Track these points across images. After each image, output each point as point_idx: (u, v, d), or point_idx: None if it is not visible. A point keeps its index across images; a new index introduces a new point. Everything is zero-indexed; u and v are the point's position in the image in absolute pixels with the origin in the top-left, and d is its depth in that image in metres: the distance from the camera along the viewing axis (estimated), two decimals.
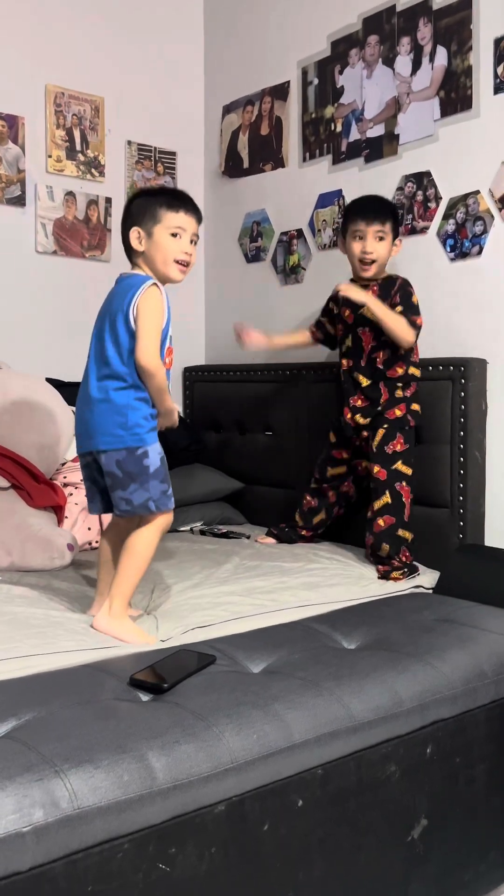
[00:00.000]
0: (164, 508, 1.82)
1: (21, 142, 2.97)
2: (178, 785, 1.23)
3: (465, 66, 2.45)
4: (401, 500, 2.35)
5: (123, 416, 1.78)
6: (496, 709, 1.72)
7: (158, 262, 1.85)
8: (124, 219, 1.89)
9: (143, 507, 1.80)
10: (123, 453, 1.78)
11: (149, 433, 1.80)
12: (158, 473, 1.80)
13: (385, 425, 2.38)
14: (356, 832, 1.47)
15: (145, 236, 1.84)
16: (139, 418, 1.79)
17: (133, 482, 1.79)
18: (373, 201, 2.45)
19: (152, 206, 1.85)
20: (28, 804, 1.10)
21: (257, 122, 3.20)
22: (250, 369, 3.11)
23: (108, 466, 1.81)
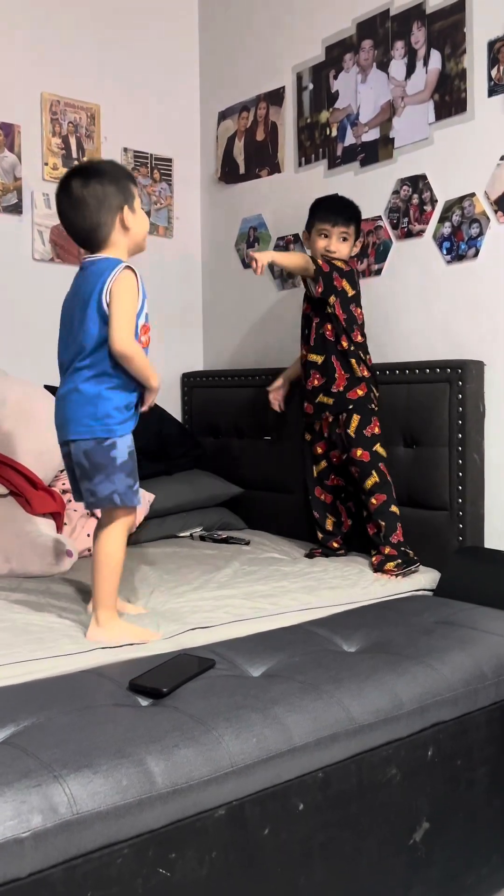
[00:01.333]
0: (128, 503, 1.79)
1: (17, 150, 2.98)
2: (177, 789, 1.22)
3: (459, 69, 2.45)
4: (387, 478, 2.42)
5: (94, 405, 1.76)
6: (497, 711, 1.72)
7: (140, 237, 1.85)
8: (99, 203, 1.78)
9: (108, 500, 1.78)
10: (91, 443, 1.77)
11: (120, 424, 1.78)
12: (125, 467, 1.78)
13: (351, 407, 2.44)
14: (357, 836, 1.46)
15: (130, 213, 1.81)
16: (110, 409, 1.77)
17: (99, 473, 1.77)
18: (340, 203, 2.55)
19: (124, 182, 1.82)
20: (27, 810, 1.09)
21: (253, 127, 3.21)
22: (248, 374, 3.11)
23: (76, 457, 1.80)
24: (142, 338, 1.81)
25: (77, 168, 1.85)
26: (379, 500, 2.40)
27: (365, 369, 2.48)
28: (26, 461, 2.46)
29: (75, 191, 1.79)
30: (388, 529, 2.37)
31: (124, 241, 1.83)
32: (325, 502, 2.59)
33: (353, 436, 2.43)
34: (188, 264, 3.46)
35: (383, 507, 2.39)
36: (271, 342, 3.16)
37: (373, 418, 2.44)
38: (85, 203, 1.79)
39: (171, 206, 3.40)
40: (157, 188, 3.36)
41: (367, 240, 2.74)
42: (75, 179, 1.80)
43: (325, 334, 2.48)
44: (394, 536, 2.37)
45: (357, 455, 2.42)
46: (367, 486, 2.41)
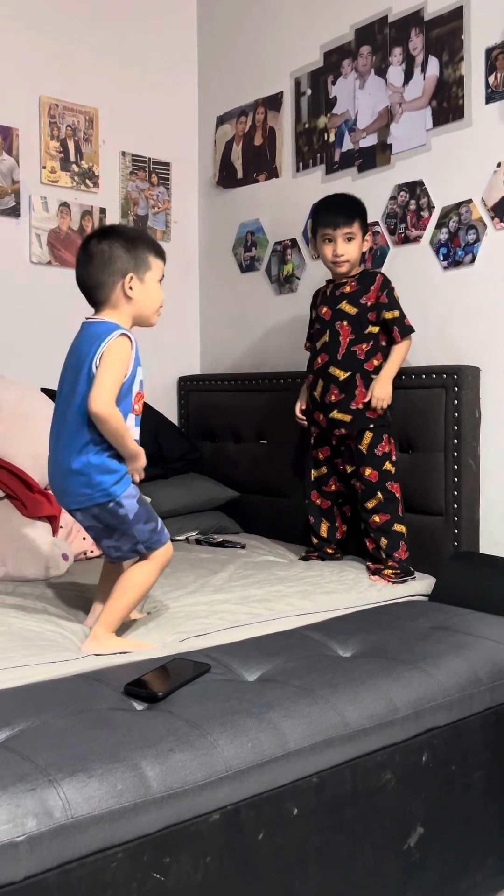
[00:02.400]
0: (156, 546, 1.79)
1: (15, 153, 2.98)
2: (172, 794, 1.22)
3: (456, 76, 2.46)
4: (393, 496, 2.38)
5: (85, 475, 1.72)
6: (492, 716, 1.72)
7: (147, 310, 1.81)
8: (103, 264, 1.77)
9: (133, 552, 1.79)
10: (96, 510, 1.75)
11: (116, 485, 1.74)
12: (140, 517, 1.76)
13: (371, 426, 2.39)
14: (352, 840, 1.46)
15: (137, 283, 1.78)
16: (101, 475, 1.73)
17: (116, 532, 1.77)
18: (339, 204, 2.46)
19: (142, 252, 1.79)
20: (21, 814, 1.09)
21: (251, 132, 3.21)
22: (245, 378, 3.11)
23: (86, 522, 1.79)
24: (135, 405, 1.79)
25: (101, 228, 1.86)
26: (382, 518, 2.37)
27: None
28: (22, 464, 2.46)
29: (90, 246, 1.79)
30: (391, 548, 2.35)
31: (127, 309, 1.80)
32: (321, 507, 2.57)
33: (364, 452, 2.39)
34: (185, 268, 3.47)
35: (386, 526, 2.37)
36: (268, 346, 3.17)
37: (384, 436, 2.40)
38: (92, 260, 1.78)
39: (168, 209, 3.41)
40: (155, 192, 3.36)
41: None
42: (94, 237, 1.80)
43: (356, 353, 2.41)
44: (397, 554, 2.35)
45: (366, 474, 2.39)
46: (370, 505, 2.38)
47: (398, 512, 2.38)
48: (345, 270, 2.45)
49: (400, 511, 2.38)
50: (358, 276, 2.47)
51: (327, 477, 2.54)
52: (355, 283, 2.45)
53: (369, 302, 2.41)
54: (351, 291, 2.44)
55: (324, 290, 2.55)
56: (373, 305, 2.41)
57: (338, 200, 2.48)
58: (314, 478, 2.57)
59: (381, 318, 2.41)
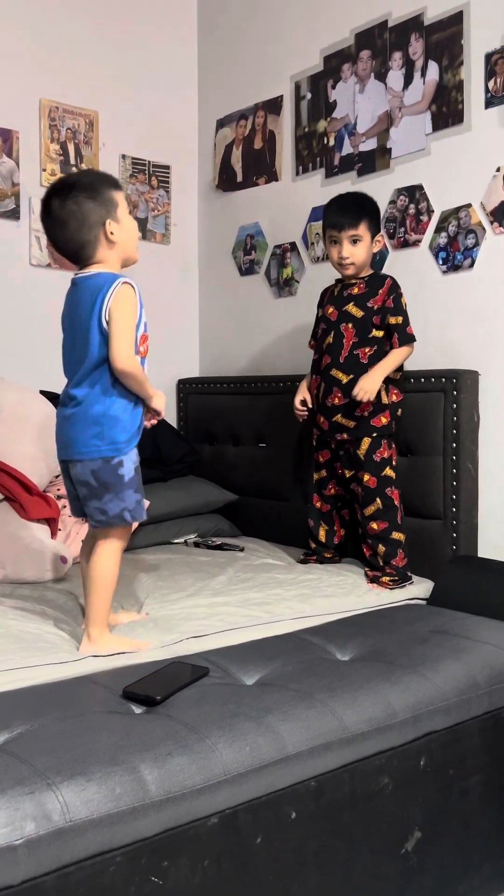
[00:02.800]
0: (138, 517, 1.80)
1: (15, 155, 2.99)
2: (170, 797, 1.23)
3: (456, 81, 2.47)
4: (392, 504, 2.37)
5: (99, 426, 1.74)
6: (490, 720, 1.72)
7: (130, 248, 1.81)
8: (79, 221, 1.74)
9: (119, 518, 1.78)
10: (99, 462, 1.75)
11: (126, 443, 1.77)
12: (133, 483, 1.78)
13: (373, 434, 2.37)
14: (350, 844, 1.46)
15: (115, 225, 1.77)
16: (116, 428, 1.75)
17: (108, 492, 1.76)
18: (347, 204, 2.42)
19: (105, 194, 1.76)
20: (20, 817, 1.09)
21: (251, 135, 3.22)
22: (244, 381, 3.11)
23: (82, 476, 1.78)
24: (140, 347, 1.79)
25: (54, 186, 1.80)
26: (380, 526, 2.35)
27: (394, 393, 2.41)
28: (21, 466, 2.46)
29: (55, 210, 1.76)
30: (388, 555, 2.34)
31: (114, 255, 1.79)
32: (320, 510, 2.56)
33: (362, 458, 2.37)
34: (185, 271, 3.47)
35: (384, 534, 2.35)
36: (267, 349, 3.17)
37: (383, 442, 2.38)
38: (65, 223, 1.75)
39: (168, 212, 3.41)
40: (155, 195, 3.37)
41: None
42: (54, 199, 1.76)
43: (359, 356, 2.39)
44: (394, 561, 2.34)
45: (364, 479, 2.37)
46: (368, 511, 2.37)
47: (397, 519, 2.36)
48: (351, 273, 2.42)
49: (399, 519, 2.37)
50: (367, 278, 2.44)
51: (326, 480, 2.53)
52: (364, 285, 2.42)
53: (376, 305, 2.39)
54: (359, 293, 2.42)
55: (332, 289, 2.53)
56: (379, 309, 2.38)
57: (346, 200, 2.44)
58: (315, 480, 2.55)
59: (385, 322, 2.38)
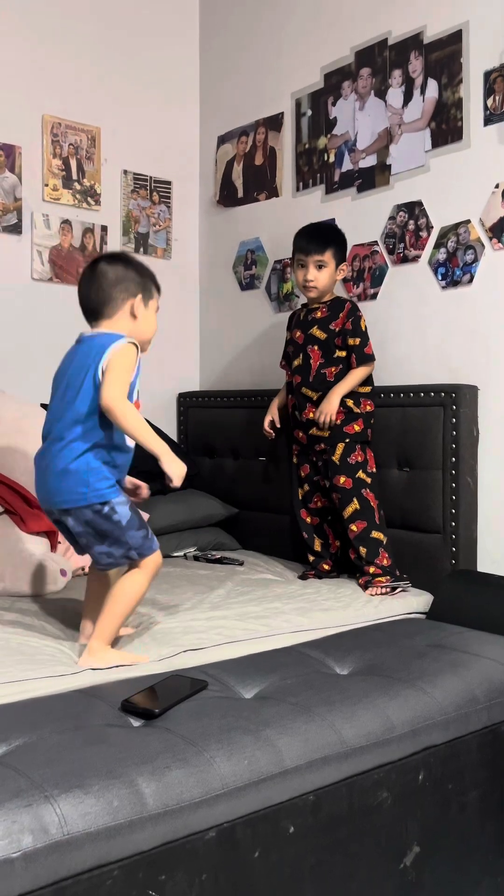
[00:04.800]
0: (147, 553, 1.80)
1: (18, 171, 3.01)
2: (168, 811, 1.22)
3: (455, 99, 2.49)
4: (369, 504, 2.43)
5: (84, 477, 1.74)
6: (488, 735, 1.72)
7: (145, 336, 1.86)
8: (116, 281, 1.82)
9: (125, 558, 1.80)
10: (89, 513, 1.75)
11: (110, 489, 1.76)
12: (133, 523, 1.77)
13: (346, 440, 2.46)
14: (348, 859, 1.46)
15: (142, 307, 1.85)
16: (97, 479, 1.75)
17: (108, 538, 1.77)
18: (313, 232, 2.57)
19: (148, 282, 1.87)
20: (17, 830, 1.09)
21: (252, 152, 3.24)
22: (244, 395, 3.12)
23: (76, 528, 1.78)
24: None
25: (113, 253, 1.92)
26: (359, 527, 2.42)
27: (367, 405, 2.50)
28: (21, 479, 2.47)
29: (99, 266, 1.84)
30: (370, 555, 2.39)
31: (128, 328, 1.83)
32: (311, 524, 2.61)
33: (336, 463, 2.45)
34: (186, 285, 3.49)
35: (363, 534, 2.41)
36: (267, 363, 3.18)
37: (357, 446, 2.46)
38: (104, 277, 1.82)
39: (169, 228, 3.43)
40: (156, 210, 3.39)
41: (363, 264, 2.77)
42: (105, 259, 1.87)
43: (326, 374, 2.50)
44: (378, 560, 2.39)
45: (340, 482, 2.44)
46: (347, 513, 2.43)
47: (375, 520, 2.43)
48: (314, 296, 2.55)
49: (377, 519, 2.43)
50: (329, 302, 2.56)
51: (311, 494, 2.60)
52: (326, 309, 2.55)
53: (337, 328, 2.50)
54: (322, 317, 2.54)
55: (298, 313, 2.65)
56: (340, 331, 2.50)
57: (315, 228, 2.59)
58: (301, 496, 2.63)
59: (345, 343, 2.49)
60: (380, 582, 2.33)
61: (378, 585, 2.33)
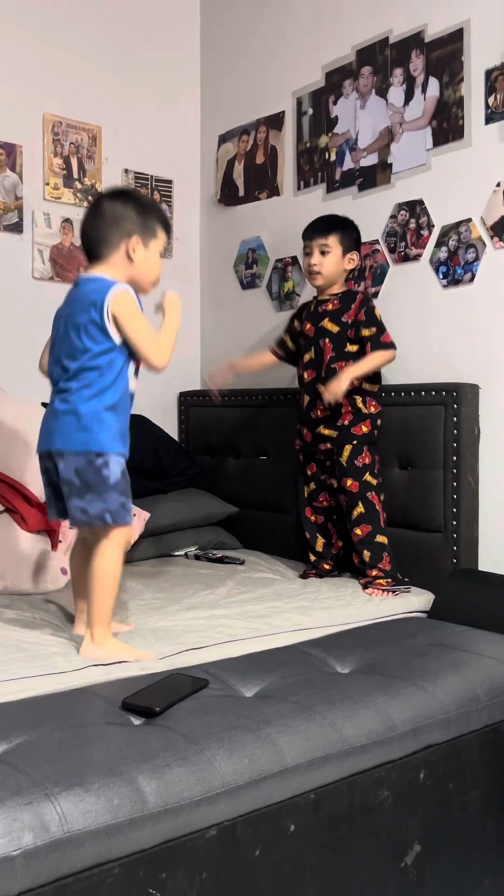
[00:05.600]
0: (120, 521, 1.76)
1: (19, 169, 3.01)
2: (168, 809, 1.22)
3: (456, 97, 2.49)
4: (374, 508, 2.41)
5: (87, 422, 1.73)
6: (490, 733, 1.72)
7: (143, 278, 1.83)
8: (113, 221, 1.79)
9: (99, 518, 1.75)
10: (83, 460, 1.73)
11: (113, 442, 1.75)
12: (118, 485, 1.75)
13: (354, 441, 2.43)
14: (349, 858, 1.46)
15: (142, 247, 1.81)
16: (104, 428, 1.74)
17: (90, 492, 1.74)
18: (320, 220, 2.55)
19: (151, 221, 1.82)
20: (17, 828, 1.09)
21: (252, 150, 3.24)
22: (245, 394, 3.12)
23: (65, 472, 1.75)
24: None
25: (115, 189, 1.88)
26: (364, 530, 2.40)
27: (372, 405, 2.47)
28: (22, 478, 2.47)
29: (101, 203, 1.82)
30: (374, 559, 2.38)
31: (125, 270, 1.81)
32: (315, 523, 2.59)
33: (344, 465, 2.43)
34: (187, 284, 3.48)
35: (368, 538, 2.39)
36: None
37: (364, 448, 2.44)
38: (102, 215, 1.80)
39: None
40: None
41: (364, 263, 2.77)
42: (107, 196, 1.84)
43: (337, 370, 2.44)
44: (381, 564, 2.37)
45: (347, 484, 2.43)
46: (353, 515, 2.42)
47: (380, 523, 2.41)
48: (319, 283, 2.52)
49: (382, 523, 2.41)
50: (341, 294, 2.53)
51: (317, 493, 2.58)
52: (338, 301, 2.52)
53: (349, 320, 2.47)
54: (333, 309, 2.51)
55: (309, 305, 2.62)
56: (352, 323, 2.46)
57: (322, 217, 2.57)
58: (306, 494, 2.61)
59: (358, 335, 2.45)
60: (380, 584, 2.33)
61: (378, 587, 2.32)
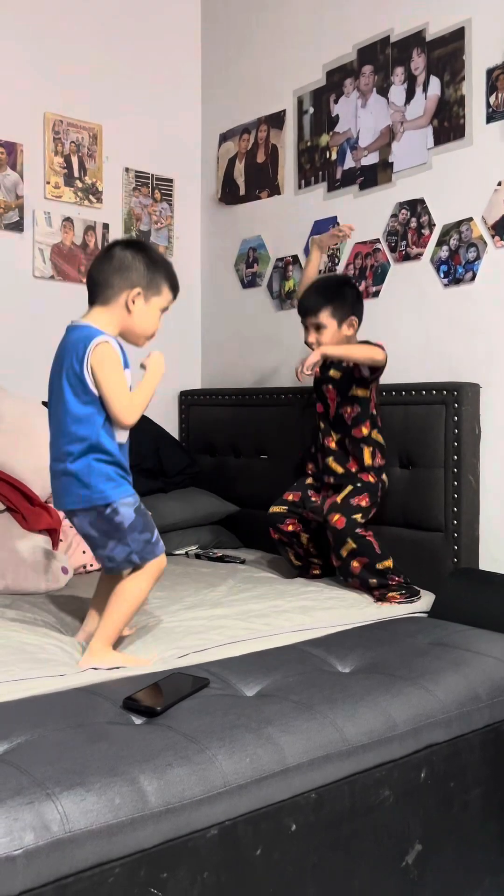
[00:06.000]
0: (149, 557, 1.78)
1: (20, 168, 3.00)
2: (170, 808, 1.22)
3: (457, 96, 2.49)
4: (365, 541, 2.31)
5: (87, 478, 1.73)
6: (491, 733, 1.72)
7: (137, 331, 1.82)
8: (120, 268, 1.79)
9: (127, 562, 1.78)
10: (93, 514, 1.75)
11: (115, 489, 1.74)
12: (136, 526, 1.76)
13: (358, 484, 2.38)
14: (350, 857, 1.46)
15: (142, 301, 1.79)
16: (101, 479, 1.73)
17: (111, 540, 1.76)
18: (312, 290, 2.45)
19: (158, 278, 1.81)
20: (19, 827, 1.09)
21: (253, 149, 3.24)
22: (245, 393, 3.12)
23: (81, 529, 1.79)
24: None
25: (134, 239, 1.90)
26: (361, 563, 2.30)
27: (379, 457, 2.41)
28: (23, 477, 2.47)
29: (113, 249, 1.82)
30: (380, 584, 2.30)
31: (120, 319, 1.80)
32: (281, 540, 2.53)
33: (339, 503, 2.34)
34: (187, 283, 3.47)
35: (369, 569, 2.29)
36: (269, 362, 3.18)
37: (365, 493, 2.36)
38: (110, 260, 1.80)
39: (171, 225, 3.43)
40: (158, 208, 3.38)
41: (364, 262, 2.76)
42: (121, 243, 1.83)
43: (343, 416, 2.41)
44: (389, 583, 2.30)
45: (333, 520, 2.31)
46: (343, 552, 2.31)
47: (375, 551, 2.30)
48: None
49: (377, 549, 2.31)
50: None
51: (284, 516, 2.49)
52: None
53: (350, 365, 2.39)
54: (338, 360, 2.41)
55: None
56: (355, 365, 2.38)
57: (315, 286, 2.46)
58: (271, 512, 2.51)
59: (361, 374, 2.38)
60: (394, 598, 2.29)
61: (393, 601, 2.29)
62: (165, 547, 2.81)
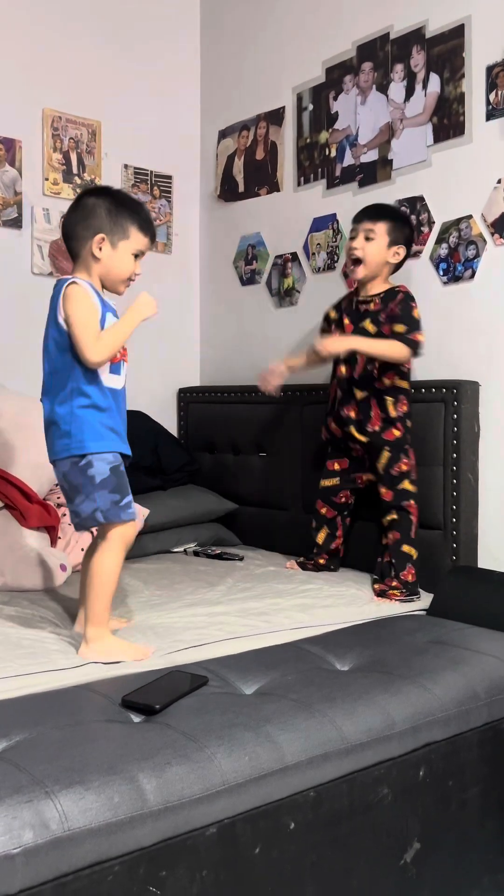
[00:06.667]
0: (113, 519, 1.74)
1: (18, 165, 3.00)
2: (169, 807, 1.22)
3: (457, 93, 2.48)
4: (407, 517, 2.36)
5: (67, 426, 1.73)
6: (489, 731, 1.72)
7: (112, 276, 1.80)
8: (83, 217, 1.76)
9: (91, 519, 1.74)
10: (68, 464, 1.74)
11: (95, 442, 1.72)
12: (107, 483, 1.72)
13: (387, 447, 2.38)
14: (348, 855, 1.46)
15: (108, 246, 1.77)
16: (82, 427, 1.72)
17: (79, 494, 1.74)
18: (373, 205, 2.49)
19: (123, 220, 1.77)
20: (18, 826, 1.09)
21: (253, 146, 3.23)
22: (244, 391, 3.11)
23: (58, 480, 1.79)
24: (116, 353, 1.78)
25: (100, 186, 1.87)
26: (394, 536, 2.36)
27: (404, 405, 2.39)
28: (22, 474, 2.46)
29: (80, 198, 1.81)
30: (398, 568, 2.34)
31: (95, 269, 1.79)
32: (325, 516, 2.55)
33: (381, 473, 2.38)
34: (186, 280, 3.48)
35: (396, 546, 2.35)
36: (268, 359, 3.16)
37: (402, 455, 2.37)
38: (76, 210, 1.79)
39: (170, 222, 3.42)
40: (157, 205, 3.38)
41: None
42: (87, 191, 1.82)
43: (371, 371, 2.37)
44: (403, 574, 2.33)
45: (381, 492, 2.38)
46: (385, 521, 2.39)
47: (410, 534, 2.35)
48: (360, 276, 2.38)
49: (412, 533, 2.35)
50: (384, 294, 2.40)
51: (338, 489, 2.53)
52: (379, 301, 2.39)
53: (385, 317, 2.36)
54: (374, 310, 2.39)
55: (351, 299, 2.49)
56: (388, 318, 2.35)
57: (376, 204, 2.51)
58: (323, 486, 2.55)
59: (392, 330, 2.33)
60: (394, 595, 2.30)
61: (393, 598, 2.30)
62: (163, 545, 2.85)
